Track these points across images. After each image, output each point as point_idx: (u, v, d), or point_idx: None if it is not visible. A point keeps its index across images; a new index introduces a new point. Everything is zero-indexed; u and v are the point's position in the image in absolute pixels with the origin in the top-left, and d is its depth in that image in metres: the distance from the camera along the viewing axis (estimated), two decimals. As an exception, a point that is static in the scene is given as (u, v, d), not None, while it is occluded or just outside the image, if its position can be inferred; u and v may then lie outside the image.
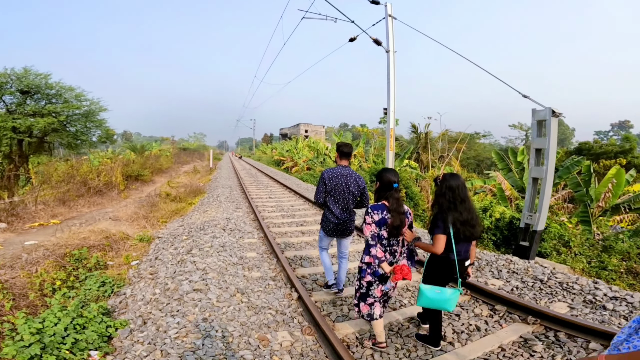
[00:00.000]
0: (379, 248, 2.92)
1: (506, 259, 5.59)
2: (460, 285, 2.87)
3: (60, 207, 12.88)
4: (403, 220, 2.91)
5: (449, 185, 2.80)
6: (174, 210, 10.38)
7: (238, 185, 15.65)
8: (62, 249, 6.67)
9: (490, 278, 4.94)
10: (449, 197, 2.79)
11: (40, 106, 18.53)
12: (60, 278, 5.29)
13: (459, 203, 2.78)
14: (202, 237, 6.45)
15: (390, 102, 10.81)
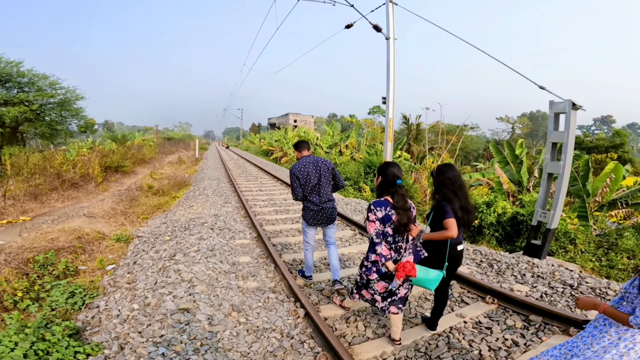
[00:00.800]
0: (384, 245, 2.86)
1: (528, 262, 5.16)
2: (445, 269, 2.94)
3: (31, 202, 11.81)
4: (410, 217, 2.83)
5: (448, 176, 2.88)
6: (156, 205, 9.55)
7: (226, 176, 14.81)
8: (27, 253, 5.86)
9: (514, 283, 4.51)
10: (450, 187, 2.85)
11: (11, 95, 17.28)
12: (21, 288, 4.52)
13: (458, 190, 2.86)
14: (187, 239, 5.72)
15: (389, 91, 10.22)
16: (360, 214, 8.17)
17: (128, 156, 22.45)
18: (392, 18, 9.95)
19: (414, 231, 2.87)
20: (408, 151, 28.09)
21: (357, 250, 5.61)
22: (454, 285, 4.38)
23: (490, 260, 5.33)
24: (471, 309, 3.81)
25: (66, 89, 19.26)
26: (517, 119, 76.52)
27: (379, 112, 72.88)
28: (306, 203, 3.98)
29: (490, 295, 4.01)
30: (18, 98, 16.93)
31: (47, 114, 18.59)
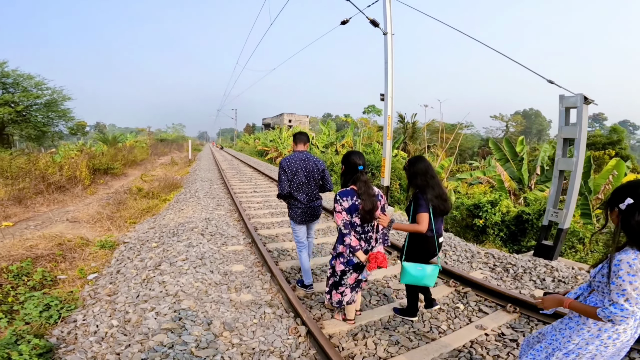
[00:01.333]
0: (353, 236, 2.81)
1: (546, 265, 4.85)
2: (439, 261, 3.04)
3: (15, 207, 11.22)
4: (375, 203, 2.79)
5: (420, 167, 2.95)
6: (145, 208, 9.06)
7: (219, 178, 14.30)
8: (2, 261, 5.40)
9: (533, 289, 4.19)
10: (422, 177, 2.92)
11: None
12: None
13: (430, 179, 2.92)
14: (174, 246, 5.26)
15: (388, 87, 9.91)
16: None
17: (118, 158, 21.78)
18: (389, 13, 9.66)
19: (384, 221, 2.82)
20: (404, 150, 27.80)
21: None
22: (469, 293, 4.03)
23: (504, 264, 4.97)
24: (491, 320, 3.48)
25: (52, 89, 18.63)
26: (511, 117, 76.83)
27: (374, 112, 72.69)
28: (292, 201, 3.82)
29: (511, 304, 3.70)
30: (3, 99, 16.25)
31: (33, 115, 17.92)
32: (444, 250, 5.63)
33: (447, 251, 5.60)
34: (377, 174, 13.78)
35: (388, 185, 9.88)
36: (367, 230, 2.86)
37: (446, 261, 5.22)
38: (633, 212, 1.58)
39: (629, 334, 1.72)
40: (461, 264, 5.13)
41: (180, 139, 72.74)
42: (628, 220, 1.60)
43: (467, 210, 9.34)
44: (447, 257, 5.41)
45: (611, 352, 1.78)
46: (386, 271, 4.64)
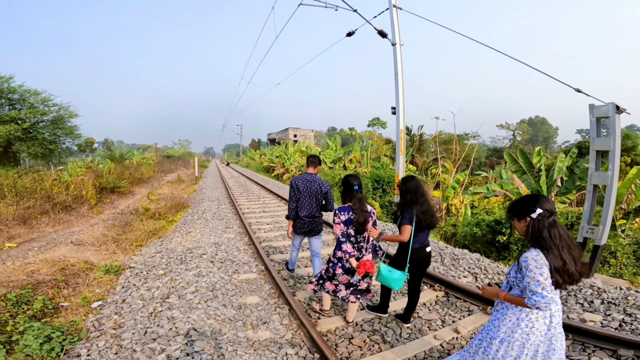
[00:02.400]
0: (349, 245, 3.30)
1: (591, 286, 4.47)
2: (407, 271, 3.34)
3: (19, 227, 10.97)
4: (366, 217, 3.25)
5: (411, 185, 3.30)
6: (152, 230, 8.73)
7: (226, 196, 13.97)
8: (1, 288, 5.12)
9: (582, 312, 3.85)
10: (412, 194, 3.27)
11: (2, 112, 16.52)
12: None
13: (419, 197, 3.26)
14: (183, 275, 4.89)
15: (399, 100, 9.61)
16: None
17: (125, 176, 21.66)
18: (397, 23, 9.50)
19: (374, 233, 3.28)
20: (412, 163, 27.42)
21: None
22: None
23: None
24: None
25: (59, 105, 18.49)
26: (517, 126, 76.17)
27: (378, 124, 72.54)
28: (291, 206, 4.27)
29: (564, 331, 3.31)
30: (8, 116, 16.15)
31: (40, 132, 17.78)
32: (473, 273, 5.26)
33: (478, 274, 5.19)
34: (389, 190, 13.35)
35: (401, 201, 9.46)
36: (359, 241, 3.35)
37: (478, 285, 4.81)
38: (541, 220, 2.00)
39: (541, 322, 2.08)
40: None
41: (187, 155, 73.12)
42: (536, 226, 2.01)
43: (487, 227, 8.88)
44: (478, 280, 5.00)
45: (538, 340, 2.11)
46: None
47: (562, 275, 1.95)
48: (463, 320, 3.79)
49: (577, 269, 1.98)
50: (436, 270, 5.38)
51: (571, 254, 2.00)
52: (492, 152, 60.16)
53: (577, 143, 27.86)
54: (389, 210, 13.30)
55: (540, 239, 1.99)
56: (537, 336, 2.09)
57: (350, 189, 3.34)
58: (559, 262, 1.94)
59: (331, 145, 25.71)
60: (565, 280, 1.97)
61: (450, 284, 4.59)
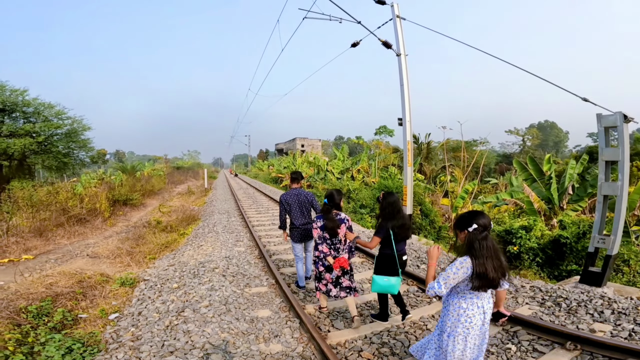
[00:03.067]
0: (325, 246, 3.99)
1: (602, 296, 4.45)
2: (400, 274, 3.78)
3: (36, 239, 11.28)
4: (335, 224, 3.88)
5: (389, 201, 3.75)
6: (164, 243, 8.91)
7: (236, 208, 14.14)
8: (22, 300, 5.30)
9: (592, 322, 3.84)
10: (389, 210, 3.72)
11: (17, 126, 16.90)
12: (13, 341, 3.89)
13: (396, 213, 3.73)
14: (196, 289, 5.01)
15: (405, 111, 9.68)
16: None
17: (137, 188, 22.08)
18: (401, 33, 9.58)
19: (350, 236, 3.90)
20: (420, 172, 27.32)
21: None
22: (519, 332, 3.77)
23: (554, 297, 4.56)
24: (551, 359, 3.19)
25: (73, 118, 18.81)
26: (526, 131, 75.21)
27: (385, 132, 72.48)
28: (291, 226, 4.99)
29: (571, 341, 3.40)
30: (23, 129, 16.53)
31: (54, 145, 18.13)
32: None
33: None
34: (397, 200, 13.33)
35: (411, 213, 9.44)
36: (335, 243, 4.00)
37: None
38: (475, 233, 2.36)
39: (477, 319, 2.45)
40: (505, 300, 4.70)
41: (196, 166, 74.04)
42: (471, 238, 2.36)
43: (497, 237, 8.83)
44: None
45: (476, 333, 2.48)
46: (424, 312, 4.28)
47: (482, 280, 2.33)
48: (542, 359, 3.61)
49: (496, 275, 2.36)
50: None
51: (493, 263, 2.34)
52: (502, 158, 59.50)
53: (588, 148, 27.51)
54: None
55: (472, 249, 2.35)
56: (475, 330, 2.47)
57: (326, 204, 4.00)
58: (482, 268, 2.31)
59: (338, 156, 25.83)
60: (484, 284, 2.36)
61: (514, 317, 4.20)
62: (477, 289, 2.37)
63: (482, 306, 2.48)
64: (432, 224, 13.18)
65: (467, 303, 2.46)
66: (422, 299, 4.82)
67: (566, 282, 6.08)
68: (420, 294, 5.01)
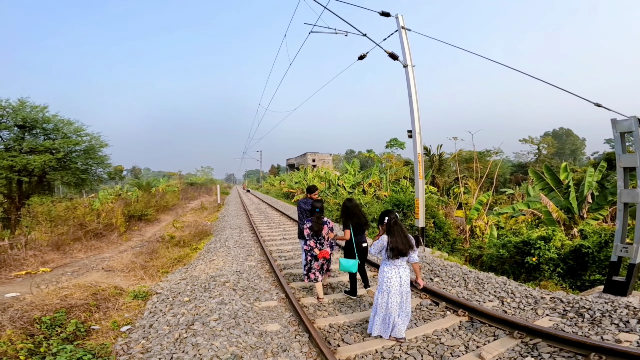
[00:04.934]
0: (312, 241, 5.20)
1: (626, 305, 4.23)
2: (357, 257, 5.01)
3: (53, 253, 11.54)
4: (320, 226, 5.15)
5: (348, 206, 5.12)
6: (177, 257, 8.97)
7: (248, 224, 14.19)
8: (37, 311, 5.40)
9: (617, 332, 3.70)
10: (350, 211, 5.06)
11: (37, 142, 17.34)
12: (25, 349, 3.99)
13: (352, 215, 5.05)
14: (206, 302, 5.00)
15: (415, 122, 9.63)
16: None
17: (151, 204, 22.47)
18: (407, 45, 9.59)
19: (331, 235, 5.22)
20: (433, 184, 26.96)
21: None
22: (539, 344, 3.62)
23: (577, 308, 4.39)
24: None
25: (91, 135, 19.26)
26: (541, 139, 73.48)
27: (397, 145, 72.16)
28: (299, 225, 5.94)
29: (595, 352, 3.26)
30: (43, 146, 17.00)
31: (73, 162, 18.57)
32: (500, 297, 5.14)
33: (504, 298, 5.02)
34: (409, 214, 13.16)
35: (423, 226, 9.26)
36: (320, 239, 5.21)
37: (505, 309, 4.65)
38: (389, 222, 3.86)
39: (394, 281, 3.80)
40: (523, 312, 4.54)
41: (209, 182, 75.00)
42: (388, 225, 3.85)
43: (515, 248, 8.57)
44: (505, 304, 4.84)
45: (396, 292, 3.79)
46: (437, 325, 4.15)
47: (394, 250, 3.71)
48: (488, 346, 3.69)
49: (403, 247, 3.73)
50: (460, 295, 5.23)
51: (402, 239, 3.75)
52: (517, 167, 58.25)
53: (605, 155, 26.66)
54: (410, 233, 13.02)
55: (389, 231, 3.80)
56: (395, 289, 3.77)
57: (314, 210, 5.20)
58: (394, 243, 3.72)
59: (350, 170, 25.82)
60: (397, 253, 3.74)
61: (474, 309, 4.49)
62: (392, 257, 3.76)
63: (399, 272, 3.82)
64: (445, 236, 12.90)
65: (388, 268, 3.85)
66: (436, 313, 4.68)
67: (589, 292, 5.83)
68: (434, 307, 4.88)
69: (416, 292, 5.33)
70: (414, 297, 5.24)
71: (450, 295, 5.02)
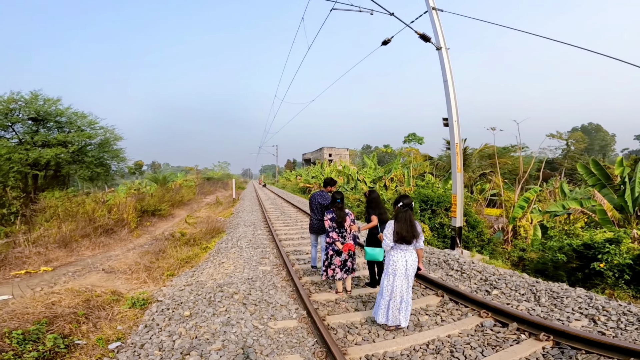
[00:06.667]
0: (334, 233, 4.93)
1: None
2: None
3: (59, 250, 10.94)
4: (344, 217, 4.93)
5: (373, 197, 5.19)
6: (185, 258, 8.14)
7: (263, 220, 13.25)
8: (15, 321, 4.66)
9: None
10: (376, 201, 5.16)
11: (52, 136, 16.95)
12: None
13: (380, 204, 5.19)
14: (209, 321, 4.06)
15: (451, 109, 8.53)
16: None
17: (165, 199, 21.93)
18: (439, 26, 8.66)
19: (354, 228, 5.05)
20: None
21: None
22: None
23: None
24: None
25: (105, 128, 18.78)
26: (569, 134, 69.66)
27: (414, 140, 69.88)
28: (311, 218, 6.08)
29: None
30: (56, 139, 16.58)
31: (87, 155, 18.12)
32: (589, 315, 4.05)
33: (595, 316, 3.96)
34: (439, 211, 11.92)
35: (461, 226, 8.09)
36: (342, 232, 4.94)
37: (602, 331, 3.56)
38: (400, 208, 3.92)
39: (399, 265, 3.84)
40: (627, 333, 3.42)
41: (226, 177, 74.97)
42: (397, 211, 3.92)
43: (573, 252, 7.30)
44: (599, 324, 3.78)
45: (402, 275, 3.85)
46: (512, 355, 3.05)
47: (398, 235, 3.80)
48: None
49: (405, 235, 3.78)
50: (532, 312, 4.12)
51: (407, 228, 3.79)
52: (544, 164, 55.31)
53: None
54: (439, 233, 11.85)
55: (396, 216, 3.89)
56: (400, 273, 3.82)
57: (334, 201, 4.97)
58: (398, 228, 3.81)
59: (369, 164, 24.54)
60: (400, 239, 3.81)
61: (561, 332, 3.48)
62: (397, 242, 3.80)
63: (405, 256, 3.83)
64: (479, 236, 11.68)
65: (395, 252, 3.86)
66: (506, 337, 3.57)
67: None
68: (502, 329, 3.76)
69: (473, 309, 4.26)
70: (471, 316, 4.16)
71: (522, 313, 3.92)
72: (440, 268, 6.23)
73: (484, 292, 4.94)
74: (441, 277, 5.77)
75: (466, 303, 4.49)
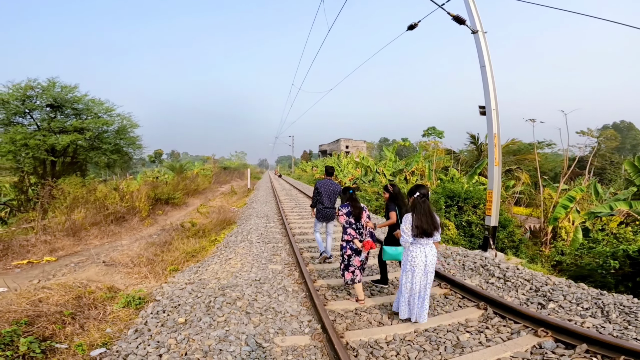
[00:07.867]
0: (352, 230, 4.43)
1: None
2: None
3: (67, 239, 10.61)
4: (360, 210, 4.49)
5: (397, 190, 4.78)
6: (191, 251, 7.58)
7: (276, 212, 12.61)
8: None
9: None
10: (398, 195, 4.75)
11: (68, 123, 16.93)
12: None
13: (401, 198, 4.75)
14: (204, 334, 3.41)
15: (490, 97, 7.69)
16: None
17: (180, 187, 21.68)
18: (474, 6, 7.77)
19: (369, 224, 4.55)
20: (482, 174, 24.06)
21: None
22: None
23: None
24: None
25: (121, 115, 18.67)
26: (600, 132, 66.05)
27: (434, 134, 67.77)
28: (318, 206, 6.11)
29: None
30: (73, 126, 16.50)
31: (104, 142, 18.04)
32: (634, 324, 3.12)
33: None
34: (466, 208, 10.97)
35: (496, 225, 7.18)
36: (359, 228, 4.48)
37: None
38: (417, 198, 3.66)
39: (419, 260, 3.63)
40: None
41: (242, 166, 75.07)
42: (414, 201, 3.67)
43: (628, 258, 6.32)
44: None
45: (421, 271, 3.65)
46: None
47: (418, 229, 3.55)
48: None
49: (427, 227, 3.55)
50: (602, 330, 3.30)
51: (427, 219, 3.57)
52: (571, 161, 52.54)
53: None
54: (466, 232, 10.93)
55: (414, 208, 3.67)
56: (420, 269, 3.65)
57: (346, 192, 4.72)
58: (418, 222, 3.57)
59: (389, 156, 23.50)
60: (420, 232, 3.57)
61: None
62: (416, 236, 3.59)
63: (424, 251, 3.66)
64: (509, 236, 10.73)
65: (414, 247, 3.68)
66: None
67: None
68: (567, 351, 2.94)
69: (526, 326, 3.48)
70: (524, 335, 3.37)
71: (592, 332, 3.13)
72: (478, 274, 5.38)
73: (537, 305, 4.09)
74: (480, 284, 4.94)
75: (516, 318, 3.69)
